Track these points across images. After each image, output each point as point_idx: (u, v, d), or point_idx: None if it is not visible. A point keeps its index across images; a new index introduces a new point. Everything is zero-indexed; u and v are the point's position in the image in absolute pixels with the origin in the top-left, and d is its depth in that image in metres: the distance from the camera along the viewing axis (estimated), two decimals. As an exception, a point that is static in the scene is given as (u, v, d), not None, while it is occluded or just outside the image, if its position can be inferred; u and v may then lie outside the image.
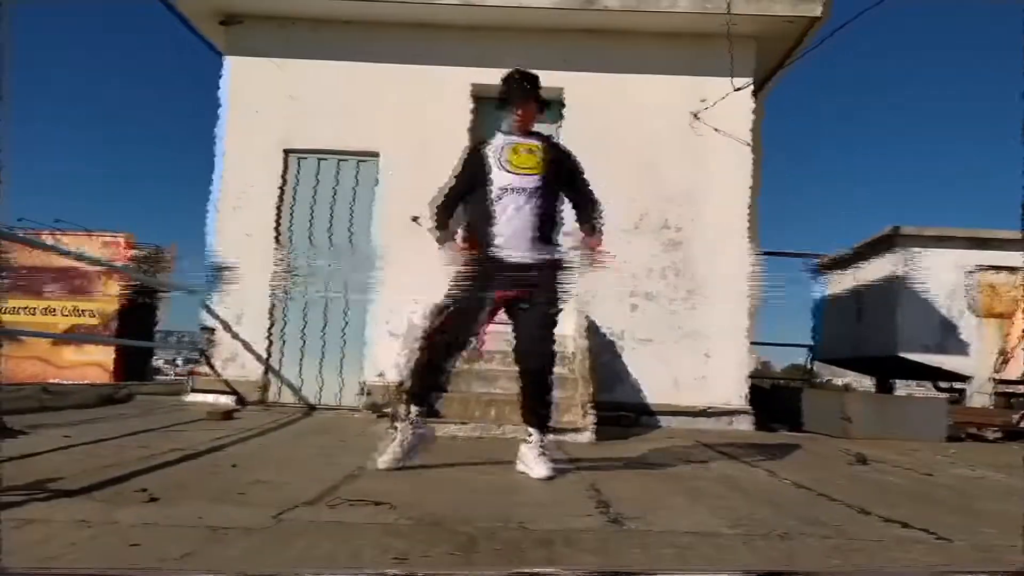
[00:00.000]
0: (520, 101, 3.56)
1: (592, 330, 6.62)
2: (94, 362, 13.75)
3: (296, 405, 6.76)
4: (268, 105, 7.13)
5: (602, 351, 6.67)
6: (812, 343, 14.30)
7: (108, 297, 13.60)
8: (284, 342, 6.92)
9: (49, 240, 14.07)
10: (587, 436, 5.15)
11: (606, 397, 6.36)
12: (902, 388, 14.96)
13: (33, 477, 2.79)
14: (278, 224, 7.02)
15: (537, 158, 3.54)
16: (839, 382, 17.85)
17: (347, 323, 6.93)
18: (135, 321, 13.85)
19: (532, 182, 3.50)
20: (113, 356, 13.49)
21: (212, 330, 6.88)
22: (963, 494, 3.41)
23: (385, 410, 6.39)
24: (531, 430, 3.45)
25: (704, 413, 6.65)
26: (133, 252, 14.41)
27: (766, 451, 4.88)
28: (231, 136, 7.10)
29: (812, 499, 3.14)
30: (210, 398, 6.71)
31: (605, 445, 5.03)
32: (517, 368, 3.54)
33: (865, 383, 16.59)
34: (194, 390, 6.80)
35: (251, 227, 6.97)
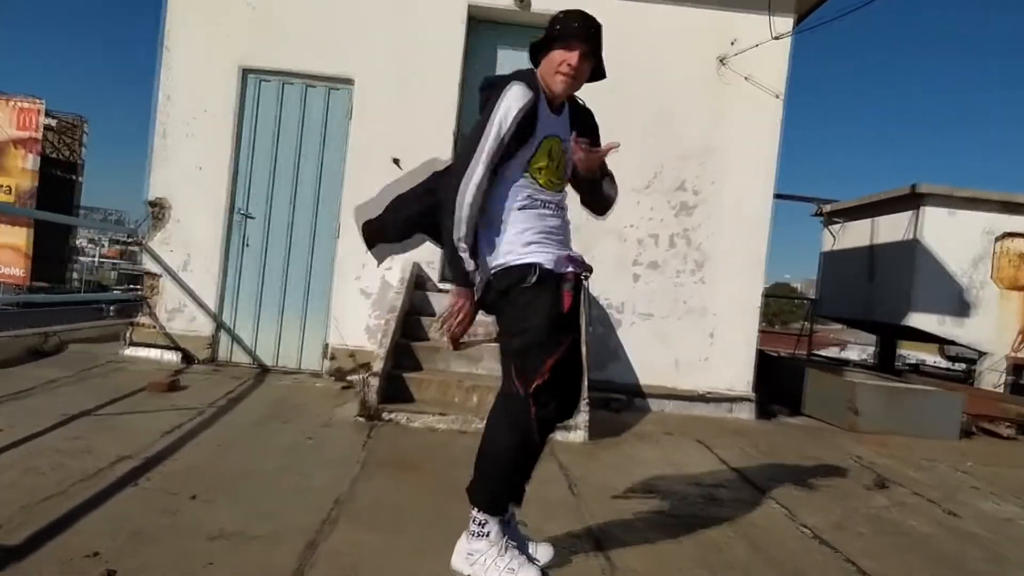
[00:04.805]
0: (570, 46, 2.59)
1: (588, 302, 6.53)
2: (8, 244, 13.32)
3: (250, 366, 6.64)
4: (223, 12, 6.66)
5: (596, 324, 6.63)
6: (815, 297, 14.50)
7: (25, 171, 13.06)
8: (238, 294, 6.71)
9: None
10: (580, 435, 5.15)
11: (598, 376, 6.37)
12: (907, 351, 15.40)
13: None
14: (237, 157, 6.68)
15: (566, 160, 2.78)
16: (836, 351, 18.28)
17: (311, 276, 6.74)
18: (54, 198, 13.41)
19: (562, 199, 2.82)
20: (30, 238, 13.08)
21: (156, 276, 6.63)
22: (999, 560, 3.47)
23: (349, 377, 6.35)
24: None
25: (703, 398, 6.70)
26: (49, 121, 13.85)
27: (778, 476, 4.94)
28: (179, 47, 6.64)
29: (840, 569, 3.17)
30: (153, 353, 6.56)
31: (599, 447, 5.05)
32: None
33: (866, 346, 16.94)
34: (133, 343, 6.61)
35: (202, 158, 6.63)
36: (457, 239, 2.53)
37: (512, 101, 2.52)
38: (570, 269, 2.64)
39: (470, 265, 2.56)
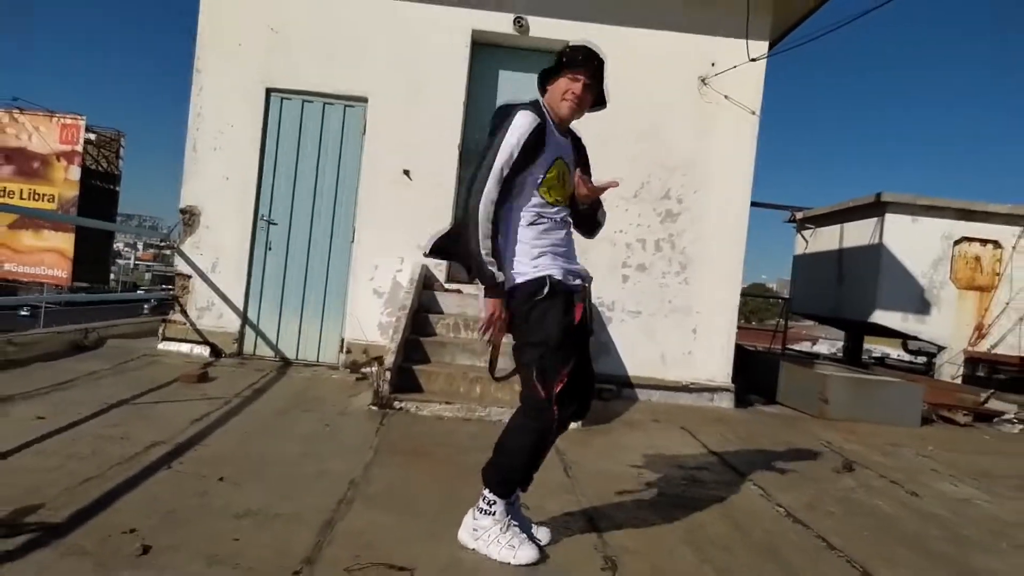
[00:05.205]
0: (575, 76, 2.64)
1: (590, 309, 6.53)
2: (53, 248, 13.40)
3: (272, 360, 6.63)
4: (249, 38, 6.65)
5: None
6: (788, 296, 14.48)
7: (67, 182, 13.13)
8: (262, 293, 6.70)
9: (5, 119, 13.42)
10: (574, 422, 5.13)
11: (591, 368, 6.35)
12: (872, 345, 15.39)
13: (13, 499, 2.68)
14: (261, 169, 6.67)
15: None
16: (808, 345, 18.26)
17: (329, 277, 6.73)
18: (94, 206, 13.45)
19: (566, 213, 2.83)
20: (72, 242, 13.17)
21: (187, 277, 6.63)
22: (957, 539, 3.47)
23: (364, 370, 6.35)
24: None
25: (687, 389, 6.69)
26: (89, 135, 13.88)
27: (755, 459, 4.94)
28: (209, 69, 6.63)
29: (812, 546, 3.16)
30: (184, 348, 6.55)
31: (592, 434, 5.04)
32: None
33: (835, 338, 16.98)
34: (166, 338, 6.60)
35: (230, 170, 6.63)
36: (484, 252, 2.50)
37: (521, 126, 2.55)
38: (578, 283, 2.67)
39: (500, 277, 2.53)
